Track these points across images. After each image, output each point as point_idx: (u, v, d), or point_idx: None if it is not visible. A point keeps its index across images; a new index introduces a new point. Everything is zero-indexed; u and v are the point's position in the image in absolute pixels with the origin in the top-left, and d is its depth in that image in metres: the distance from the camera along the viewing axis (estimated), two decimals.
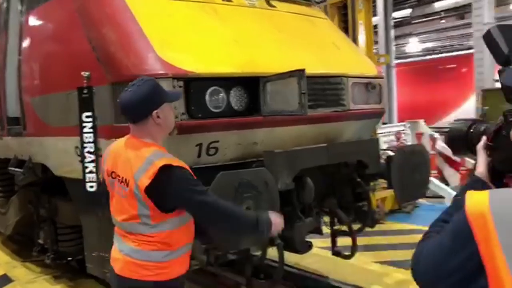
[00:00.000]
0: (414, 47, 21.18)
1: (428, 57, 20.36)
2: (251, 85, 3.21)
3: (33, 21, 4.03)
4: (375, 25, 13.89)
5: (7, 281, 4.81)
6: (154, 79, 2.31)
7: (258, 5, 3.88)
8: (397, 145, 9.17)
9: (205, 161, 3.12)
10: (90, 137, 3.23)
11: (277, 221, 2.32)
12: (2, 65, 4.76)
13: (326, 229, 4.24)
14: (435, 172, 8.59)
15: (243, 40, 3.44)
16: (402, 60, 20.51)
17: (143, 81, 2.22)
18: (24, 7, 4.22)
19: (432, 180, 7.26)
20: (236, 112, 3.19)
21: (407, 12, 17.50)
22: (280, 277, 3.48)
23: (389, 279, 4.48)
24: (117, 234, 2.29)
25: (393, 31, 13.98)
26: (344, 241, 4.21)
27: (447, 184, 8.78)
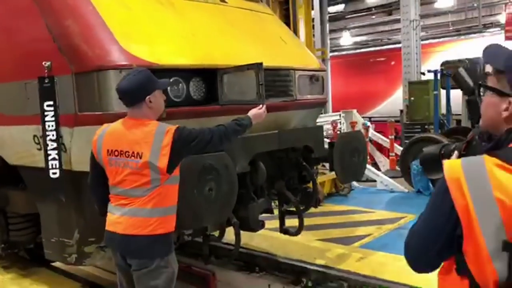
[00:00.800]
0: (347, 40, 22.17)
1: (359, 51, 21.41)
2: (209, 77, 3.46)
3: None
4: (312, 19, 14.46)
5: None
6: (147, 70, 2.65)
7: (211, 0, 4.10)
8: (334, 134, 9.76)
9: None
10: (52, 126, 3.32)
11: (256, 112, 2.95)
12: None
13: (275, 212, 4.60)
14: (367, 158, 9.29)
15: (200, 33, 3.66)
16: (336, 53, 21.41)
17: (138, 71, 2.60)
18: None
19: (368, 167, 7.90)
20: (195, 101, 3.43)
21: (340, 7, 18.34)
22: (237, 251, 3.76)
23: (330, 254, 4.93)
24: (116, 203, 2.61)
25: (328, 25, 14.62)
26: (289, 222, 4.59)
27: (378, 169, 9.53)
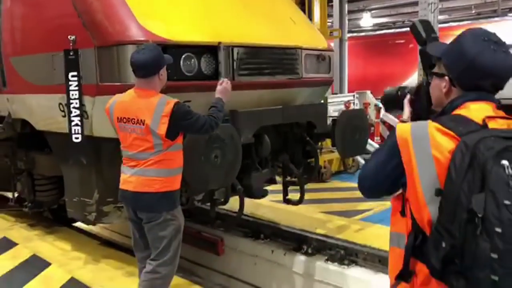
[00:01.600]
0: (367, 22, 22.00)
1: (378, 32, 21.24)
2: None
3: None
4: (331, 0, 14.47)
5: None
6: (158, 46, 2.97)
7: None
8: None
9: None
10: (75, 94, 3.65)
11: (221, 89, 3.19)
12: None
13: (278, 186, 4.90)
14: (378, 138, 9.49)
15: (212, 12, 3.92)
16: (355, 34, 21.31)
17: (152, 46, 2.92)
18: None
19: (373, 144, 8.12)
20: (205, 76, 3.71)
21: None
22: (241, 215, 4.09)
23: (331, 225, 5.24)
24: (128, 165, 2.96)
25: (347, 5, 14.60)
26: (293, 196, 4.88)
27: None
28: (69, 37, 3.57)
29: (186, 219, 5.60)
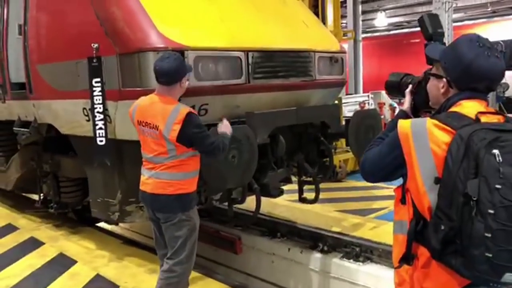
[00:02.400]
0: (382, 21, 21.97)
1: (393, 32, 21.20)
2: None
3: None
4: (344, 0, 14.55)
5: (13, 229, 5.39)
6: (181, 56, 3.12)
7: None
8: None
9: None
10: (99, 100, 3.83)
11: (226, 125, 3.21)
12: (4, 35, 5.20)
13: (294, 186, 5.01)
14: None
15: (228, 18, 4.07)
16: (369, 34, 21.30)
17: (175, 56, 3.04)
18: None
19: None
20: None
21: None
22: (257, 214, 4.22)
23: (346, 223, 5.33)
24: (146, 167, 3.11)
25: (360, 6, 14.68)
26: (309, 195, 4.99)
27: None
28: (92, 45, 3.75)
29: (204, 218, 5.84)
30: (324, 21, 7.38)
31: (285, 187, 4.84)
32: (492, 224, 1.33)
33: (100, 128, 3.88)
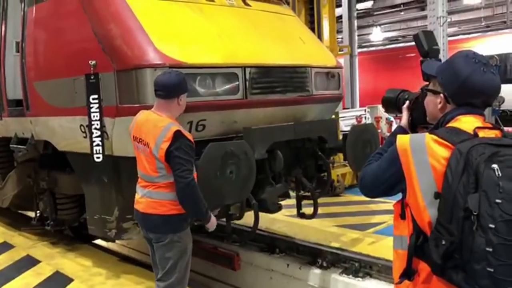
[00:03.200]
0: (377, 36, 22.20)
1: (388, 47, 21.40)
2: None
3: (38, 14, 4.51)
4: (340, 16, 14.70)
5: (9, 247, 5.33)
6: (183, 73, 3.09)
7: (236, 4, 4.53)
8: None
9: (195, 136, 3.72)
10: (96, 116, 3.83)
11: (213, 221, 3.15)
12: (1, 52, 5.22)
13: (293, 201, 5.00)
14: None
15: (225, 35, 4.10)
16: (365, 49, 21.49)
17: (178, 72, 3.04)
18: (27, 0, 4.68)
19: None
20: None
21: (370, 3, 18.46)
22: (255, 230, 4.19)
23: (345, 238, 5.30)
24: (140, 185, 3.06)
25: (356, 21, 14.83)
26: (309, 211, 4.96)
27: None
28: (90, 62, 3.77)
29: (202, 234, 5.78)
30: (320, 36, 7.43)
31: (283, 202, 4.82)
32: (493, 238, 1.33)
33: (97, 144, 3.87)
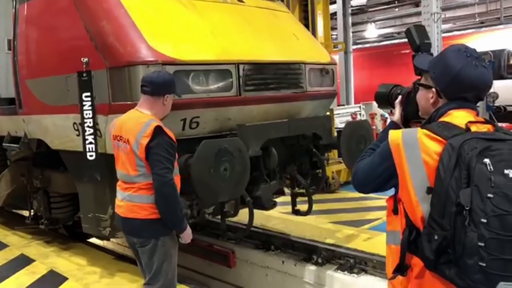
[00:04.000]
0: (372, 33, 22.20)
1: (383, 43, 21.41)
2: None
3: (30, 12, 4.46)
4: (334, 12, 14.70)
5: (3, 246, 5.29)
6: (173, 76, 3.06)
7: (229, 0, 4.51)
8: None
9: (188, 134, 3.77)
10: (89, 114, 3.81)
11: (188, 232, 3.00)
12: None
13: (287, 198, 4.99)
14: None
15: (219, 31, 4.08)
16: (360, 45, 21.50)
17: (168, 73, 3.03)
18: None
19: None
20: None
21: (363, 0, 18.45)
22: (250, 226, 4.19)
23: (340, 234, 5.31)
24: (120, 188, 2.99)
25: (350, 18, 14.82)
26: (303, 207, 4.96)
27: None
28: (82, 59, 3.74)
29: (197, 232, 5.76)
30: (314, 33, 7.43)
31: (278, 199, 4.81)
32: (485, 233, 1.33)
33: (90, 142, 3.84)
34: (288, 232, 5.45)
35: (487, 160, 1.38)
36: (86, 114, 3.80)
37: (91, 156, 3.86)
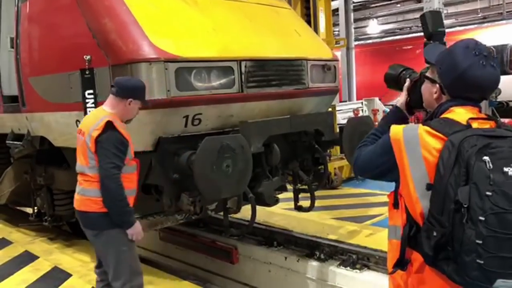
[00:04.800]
0: (374, 29, 22.15)
1: (385, 39, 21.36)
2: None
3: (32, 10, 4.47)
4: (336, 9, 14.66)
5: (7, 243, 5.33)
6: (145, 86, 3.13)
7: None
8: None
9: (191, 130, 3.78)
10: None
11: (137, 230, 3.01)
12: None
13: (290, 194, 5.00)
14: None
15: (220, 28, 4.08)
16: (362, 41, 21.44)
17: (140, 80, 3.16)
18: None
19: None
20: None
21: None
22: (253, 223, 4.20)
23: (343, 230, 5.32)
24: (78, 182, 3.06)
25: (352, 14, 14.78)
26: (305, 203, 4.97)
27: None
28: (84, 57, 3.75)
29: (200, 228, 5.79)
30: (316, 29, 7.41)
31: (280, 196, 4.82)
32: (483, 230, 1.33)
33: None
34: (290, 228, 5.46)
35: (486, 157, 1.37)
36: (89, 111, 3.80)
37: None
